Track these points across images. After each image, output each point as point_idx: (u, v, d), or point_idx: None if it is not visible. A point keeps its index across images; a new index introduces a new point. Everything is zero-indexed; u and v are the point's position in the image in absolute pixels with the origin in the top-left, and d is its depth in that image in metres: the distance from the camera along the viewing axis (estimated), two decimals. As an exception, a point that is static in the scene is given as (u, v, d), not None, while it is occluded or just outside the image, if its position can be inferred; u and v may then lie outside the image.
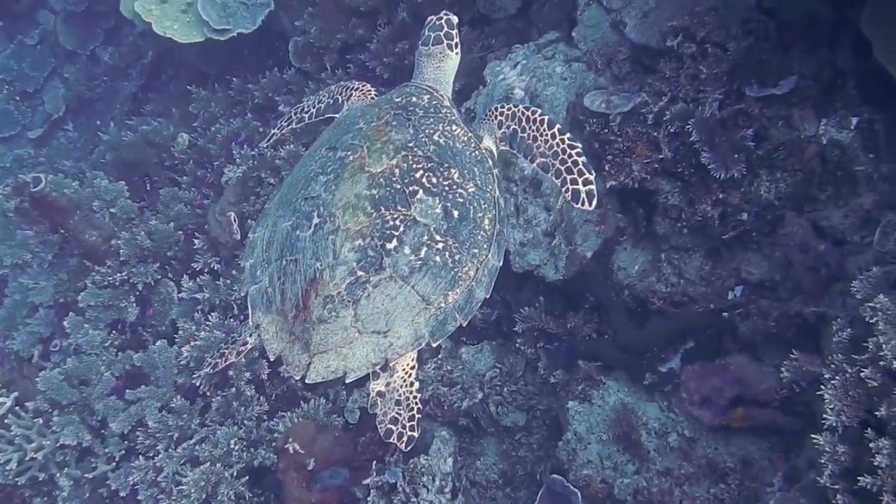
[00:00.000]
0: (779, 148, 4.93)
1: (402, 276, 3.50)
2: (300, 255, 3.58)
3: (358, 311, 3.48)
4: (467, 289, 3.64)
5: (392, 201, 3.56)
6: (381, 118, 3.88)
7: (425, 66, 4.36)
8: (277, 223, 3.82)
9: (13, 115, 10.26)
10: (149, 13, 7.90)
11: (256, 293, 3.78)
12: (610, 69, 5.69)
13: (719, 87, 5.04)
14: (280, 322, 3.65)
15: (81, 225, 6.97)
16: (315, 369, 3.52)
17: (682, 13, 5.30)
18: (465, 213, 3.66)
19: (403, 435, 3.67)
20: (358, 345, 3.51)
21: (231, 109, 8.07)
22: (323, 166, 3.79)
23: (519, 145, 4.04)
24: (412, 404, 3.71)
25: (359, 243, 3.49)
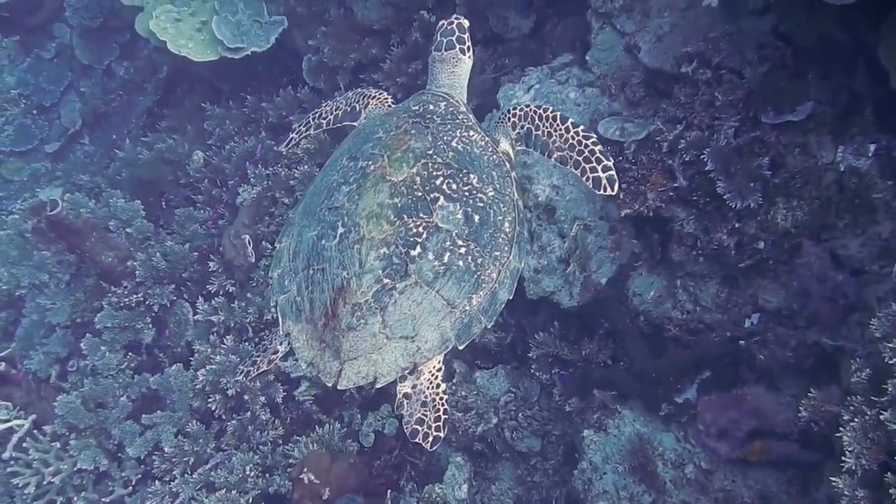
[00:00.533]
0: (795, 175, 4.88)
1: (426, 282, 3.54)
2: (327, 264, 3.64)
3: (385, 318, 3.52)
4: (491, 291, 3.69)
5: (414, 209, 3.61)
6: (399, 127, 3.92)
7: (439, 72, 4.39)
8: (302, 233, 3.87)
9: (30, 129, 10.30)
10: (164, 31, 7.91)
11: (285, 302, 3.83)
12: (624, 93, 5.66)
13: (735, 114, 4.99)
14: (310, 330, 3.70)
15: (98, 246, 7.00)
16: (346, 375, 3.56)
17: (697, 38, 5.25)
18: (486, 217, 3.70)
19: (429, 435, 3.67)
20: (387, 350, 3.55)
21: (245, 127, 8.06)
22: (345, 176, 3.84)
23: (535, 143, 4.10)
24: (438, 405, 3.72)
25: (384, 251, 3.54)
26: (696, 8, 5.41)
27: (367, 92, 4.67)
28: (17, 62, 10.73)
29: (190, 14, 8.06)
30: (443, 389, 3.74)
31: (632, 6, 5.67)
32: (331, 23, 7.61)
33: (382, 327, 3.51)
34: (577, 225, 5.47)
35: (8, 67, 10.68)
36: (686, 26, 5.43)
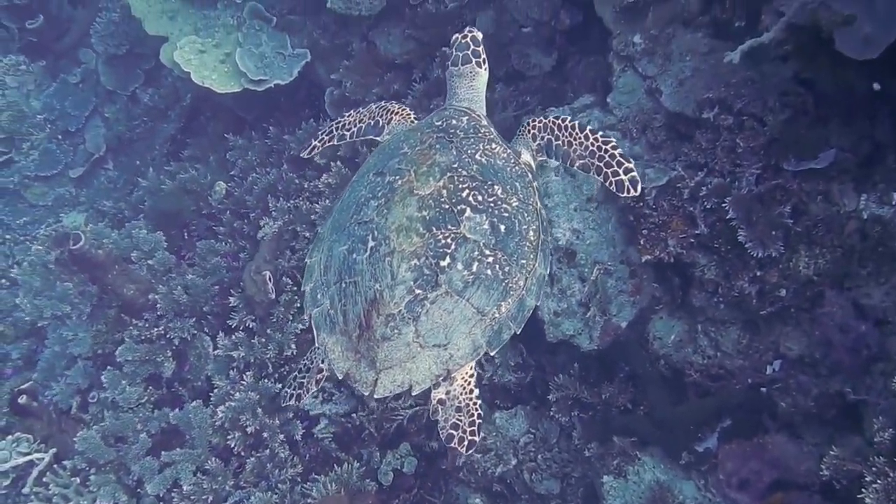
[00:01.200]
0: (818, 223, 4.86)
1: (457, 291, 3.67)
2: (359, 277, 3.75)
3: (418, 327, 3.65)
4: (518, 298, 3.82)
5: (442, 221, 3.73)
6: (424, 142, 4.04)
7: (458, 87, 4.52)
8: (333, 248, 3.98)
9: (55, 154, 10.39)
10: (188, 63, 7.96)
11: (319, 316, 3.95)
12: (645, 136, 5.65)
13: (756, 161, 4.98)
14: (345, 342, 3.82)
15: (120, 279, 7.04)
16: (382, 384, 3.69)
17: (719, 84, 5.24)
18: (511, 226, 3.83)
19: (465, 440, 3.77)
20: (421, 359, 3.68)
21: (268, 158, 8.09)
22: (373, 191, 3.96)
23: (556, 153, 4.25)
24: (472, 410, 3.83)
25: (414, 263, 3.66)
26: (718, 53, 5.38)
27: (390, 107, 4.79)
28: (43, 87, 10.83)
29: (214, 46, 8.12)
30: (476, 395, 3.86)
31: (653, 50, 5.65)
32: (353, 56, 7.65)
33: (416, 336, 3.65)
34: (597, 269, 5.45)
35: (34, 92, 10.79)
36: (708, 71, 5.40)
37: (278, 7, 8.14)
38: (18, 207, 10.25)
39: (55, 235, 7.67)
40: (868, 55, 4.12)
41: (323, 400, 6.47)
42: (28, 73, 10.81)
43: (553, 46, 6.79)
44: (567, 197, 5.57)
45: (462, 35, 4.53)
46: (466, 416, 3.81)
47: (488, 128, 4.26)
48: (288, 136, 7.90)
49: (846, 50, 4.16)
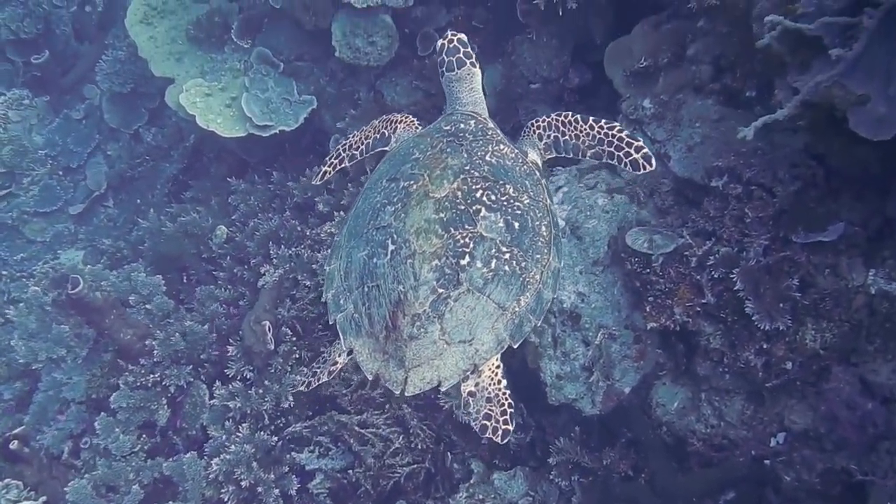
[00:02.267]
0: (825, 297, 4.81)
1: (478, 288, 3.79)
2: (381, 280, 3.87)
3: (444, 325, 3.76)
4: (536, 291, 3.94)
5: (459, 221, 3.86)
6: (435, 147, 4.18)
7: (459, 91, 4.63)
8: (352, 253, 4.10)
9: (55, 190, 10.35)
10: (193, 105, 7.96)
11: (344, 320, 4.05)
12: (653, 200, 5.62)
13: (765, 232, 4.94)
14: (372, 344, 3.92)
15: (117, 324, 6.98)
16: (412, 382, 3.79)
17: (728, 152, 5.22)
18: (525, 223, 3.97)
19: (498, 429, 3.84)
20: (447, 355, 3.79)
21: (270, 204, 8.06)
22: (388, 197, 4.07)
23: (565, 147, 4.43)
24: (502, 399, 3.91)
25: (435, 263, 3.78)
26: (728, 121, 5.38)
27: (392, 117, 4.98)
28: (46, 122, 10.83)
29: (220, 89, 8.12)
30: (504, 385, 3.95)
31: (663, 115, 5.65)
32: (360, 105, 7.66)
33: (441, 334, 3.77)
34: (601, 333, 5.40)
35: (37, 127, 10.77)
36: (718, 138, 5.40)
37: (286, 53, 8.15)
38: (16, 243, 10.19)
39: (53, 276, 7.62)
40: (882, 136, 4.09)
41: (319, 455, 6.37)
42: (31, 108, 10.81)
43: (561, 104, 6.79)
44: (573, 259, 5.53)
45: (447, 40, 4.59)
46: (497, 406, 3.89)
47: (495, 130, 4.43)
48: (292, 183, 7.87)
49: (860, 130, 4.13)
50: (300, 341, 6.76)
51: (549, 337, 5.55)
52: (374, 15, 7.35)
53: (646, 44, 5.75)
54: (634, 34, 5.85)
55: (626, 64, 5.83)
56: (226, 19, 8.42)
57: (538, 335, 5.56)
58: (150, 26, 8.92)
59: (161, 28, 8.85)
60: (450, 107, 4.73)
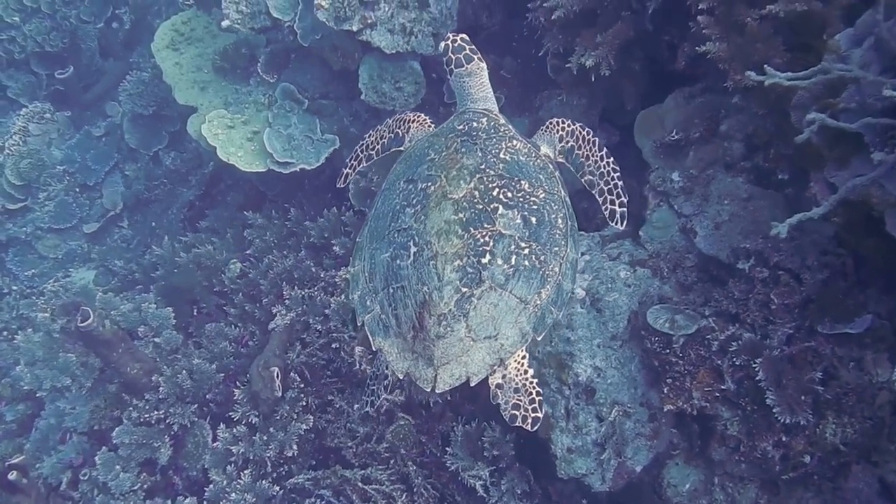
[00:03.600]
0: (848, 392, 4.70)
1: (499, 285, 3.92)
2: (405, 282, 3.99)
3: (469, 323, 3.89)
4: (556, 283, 4.09)
5: (478, 221, 3.99)
6: (449, 147, 4.29)
7: (469, 87, 4.74)
8: (375, 255, 4.22)
9: (71, 207, 10.31)
10: (215, 137, 7.89)
11: (372, 321, 4.19)
12: (676, 276, 5.53)
13: (790, 320, 4.86)
14: (400, 344, 4.05)
15: (124, 357, 6.89)
16: (442, 379, 3.93)
17: (756, 234, 5.14)
18: (541, 217, 4.10)
19: (528, 417, 4.04)
20: (474, 351, 3.93)
21: (286, 241, 7.96)
22: (407, 199, 4.19)
23: (574, 161, 4.67)
24: (530, 389, 4.09)
25: (458, 263, 3.91)
26: (758, 200, 5.29)
27: (405, 116, 5.11)
28: (66, 137, 10.80)
29: (242, 122, 8.05)
30: (531, 374, 4.13)
31: (691, 189, 5.56)
32: (382, 150, 7.58)
33: (467, 332, 3.89)
34: (616, 410, 5.30)
35: (56, 141, 10.76)
36: (746, 217, 5.30)
37: (311, 90, 8.08)
38: (28, 258, 10.15)
39: (63, 304, 7.54)
40: (919, 240, 4.00)
41: (319, 509, 6.28)
42: (52, 122, 10.80)
43: (586, 164, 6.69)
44: (591, 332, 5.42)
45: (451, 40, 4.69)
46: (525, 396, 4.07)
47: (507, 125, 4.55)
48: (309, 223, 7.77)
49: (897, 232, 4.05)
50: (308, 388, 6.67)
51: (563, 409, 5.44)
52: (403, 61, 7.30)
53: (678, 115, 5.67)
54: (666, 105, 5.76)
55: (656, 134, 5.75)
56: (253, 52, 8.38)
57: (551, 406, 5.45)
58: (176, 52, 8.90)
59: (187, 55, 8.82)
60: (461, 104, 4.82)
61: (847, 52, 4.33)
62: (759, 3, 4.92)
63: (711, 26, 5.02)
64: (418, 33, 7.08)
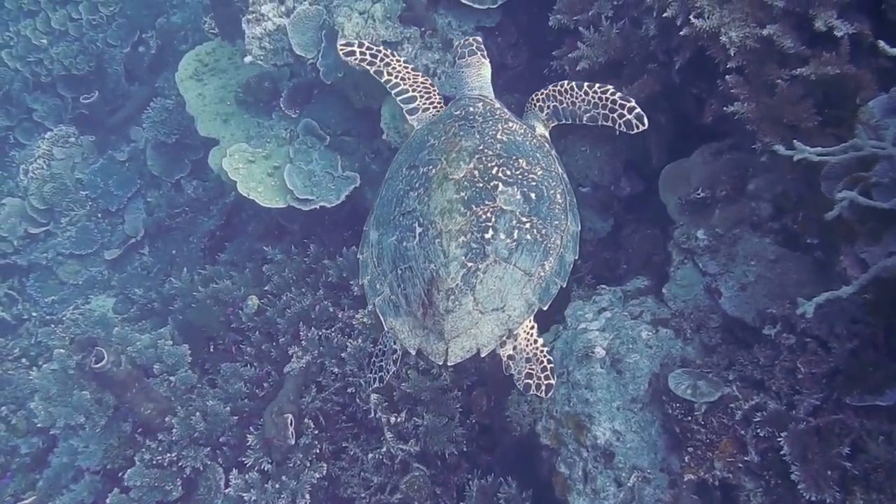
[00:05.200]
0: (877, 467, 4.51)
1: (503, 259, 4.08)
2: (413, 262, 4.16)
3: (476, 296, 4.04)
4: (558, 255, 4.27)
5: (480, 198, 4.16)
6: (448, 132, 4.51)
7: (467, 76, 5.09)
8: (382, 240, 4.41)
9: (92, 233, 10.32)
10: (235, 171, 7.82)
11: (383, 302, 4.35)
12: (699, 336, 5.37)
13: (817, 390, 4.68)
14: (411, 321, 4.20)
15: (138, 397, 6.83)
16: (453, 352, 4.08)
17: (783, 298, 4.98)
18: (541, 193, 4.27)
19: (541, 385, 4.25)
20: (483, 324, 4.08)
21: (305, 278, 7.88)
22: (410, 183, 4.38)
23: (564, 115, 4.89)
24: (541, 357, 4.30)
25: (462, 240, 4.07)
26: (786, 262, 5.13)
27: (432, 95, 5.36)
28: (89, 161, 10.83)
29: (264, 157, 7.98)
30: (541, 343, 4.34)
31: (717, 248, 5.41)
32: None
33: (475, 305, 4.05)
34: (635, 475, 5.15)
35: (80, 165, 10.81)
36: (773, 279, 5.14)
37: (333, 126, 7.99)
38: (49, 284, 10.17)
39: (79, 340, 7.50)
40: (954, 325, 3.84)
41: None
42: (76, 146, 10.85)
43: (610, 212, 6.57)
44: (611, 394, 5.28)
45: (465, 41, 5.22)
46: (537, 364, 4.27)
47: (502, 109, 4.77)
48: (328, 261, 7.67)
49: (930, 313, 3.89)
50: (322, 434, 6.58)
51: (580, 471, 5.30)
52: (425, 101, 7.20)
53: (704, 172, 5.52)
54: (693, 160, 5.62)
55: (681, 190, 5.60)
56: (276, 85, 8.32)
57: (568, 467, 5.32)
58: (199, 83, 8.87)
59: (210, 86, 8.79)
60: (458, 93, 5.08)
61: (879, 121, 4.19)
62: (789, 62, 4.79)
63: (740, 86, 4.89)
64: (441, 74, 6.97)
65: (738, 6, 4.87)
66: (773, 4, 4.74)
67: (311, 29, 7.45)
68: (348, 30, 6.90)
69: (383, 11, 6.91)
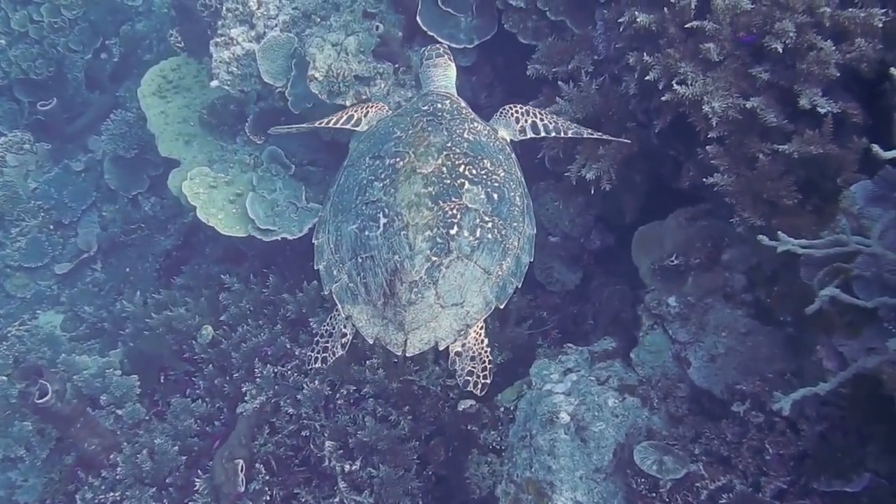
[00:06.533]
0: (842, 554, 4.45)
1: (466, 256, 4.15)
2: (375, 252, 4.19)
3: (438, 290, 4.12)
4: (515, 256, 4.36)
5: (447, 194, 4.22)
6: (416, 125, 4.55)
7: (433, 75, 5.16)
8: (341, 227, 4.40)
9: (43, 245, 9.97)
10: (196, 196, 7.59)
11: (340, 289, 4.37)
12: (666, 405, 5.27)
13: (784, 473, 4.60)
14: (370, 311, 4.25)
15: (83, 432, 6.57)
16: (412, 343, 4.16)
17: (754, 373, 4.89)
18: (502, 194, 4.37)
19: (479, 384, 4.29)
20: (443, 317, 4.16)
21: (262, 309, 7.64)
22: (374, 173, 4.40)
23: (545, 129, 4.97)
24: (484, 358, 4.33)
25: (428, 234, 4.12)
26: (757, 336, 5.04)
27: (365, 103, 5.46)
28: (44, 169, 10.50)
29: (226, 183, 7.75)
30: (486, 344, 4.37)
31: (688, 316, 5.30)
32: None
33: (437, 298, 4.12)
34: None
35: (34, 174, 10.50)
36: (744, 353, 5.05)
37: (299, 156, 7.80)
38: (-6, 297, 9.79)
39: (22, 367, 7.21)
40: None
41: None
42: (31, 154, 10.52)
43: (580, 264, 6.46)
44: (574, 462, 5.14)
45: (432, 46, 5.35)
46: (479, 364, 4.30)
47: (467, 109, 4.86)
48: (287, 295, 7.45)
49: (907, 413, 3.81)
50: (273, 479, 6.33)
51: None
52: (394, 138, 7.04)
53: (678, 237, 5.42)
54: (667, 224, 5.52)
55: (654, 254, 5.50)
56: (242, 109, 8.06)
57: (527, 536, 5.17)
58: (163, 100, 8.63)
59: (174, 104, 8.55)
60: (424, 89, 5.15)
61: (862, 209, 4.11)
62: (771, 136, 4.70)
63: (720, 157, 4.79)
64: (412, 112, 6.81)
65: (721, 75, 4.78)
66: (758, 76, 4.65)
67: (282, 57, 7.24)
68: (320, 61, 6.71)
69: (357, 45, 6.73)
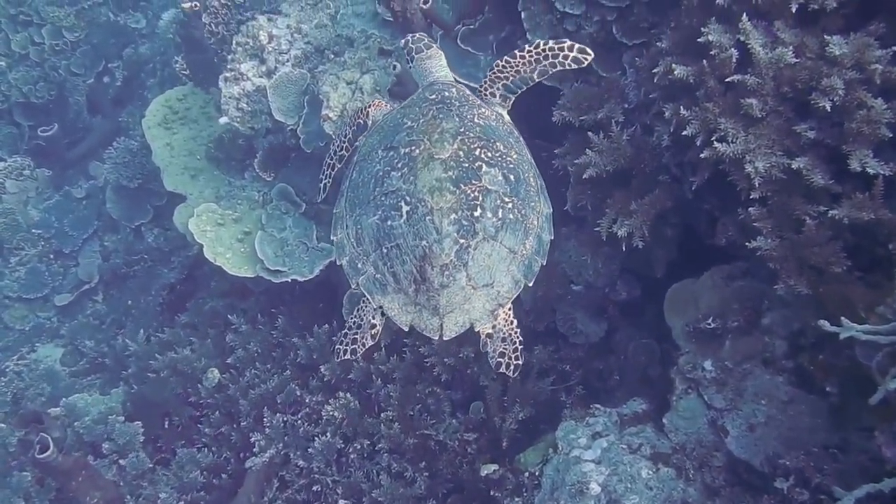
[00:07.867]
0: None
1: (491, 236, 4.13)
2: (400, 240, 4.13)
3: (469, 272, 4.09)
4: (537, 235, 4.33)
5: (467, 177, 4.18)
6: (426, 114, 4.46)
7: (431, 67, 5.02)
8: (360, 220, 4.33)
9: (43, 275, 9.72)
10: (202, 234, 7.36)
11: (367, 281, 4.31)
12: (702, 475, 4.99)
13: (833, 560, 4.32)
14: (401, 299, 4.21)
15: (84, 486, 6.29)
16: (448, 327, 4.15)
17: (796, 446, 4.61)
18: (518, 175, 4.33)
19: (511, 364, 4.27)
20: (475, 299, 4.15)
21: (271, 352, 7.38)
22: (390, 164, 4.33)
23: (516, 87, 4.82)
24: (514, 339, 4.31)
25: (453, 217, 4.08)
26: (799, 405, 4.77)
27: (361, 106, 5.40)
28: (44, 196, 10.24)
29: (234, 220, 7.51)
30: (515, 324, 4.35)
31: (725, 381, 5.04)
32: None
33: (468, 280, 4.10)
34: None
35: (34, 200, 10.25)
36: (785, 423, 4.78)
37: (310, 193, 7.53)
38: (-8, 329, 9.51)
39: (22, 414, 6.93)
40: None
41: None
42: (31, 180, 10.25)
43: (604, 316, 6.20)
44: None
45: (413, 37, 5.07)
46: (510, 345, 4.28)
47: (472, 95, 4.76)
48: (297, 340, 7.18)
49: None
50: (284, 537, 6.09)
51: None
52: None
53: (714, 297, 5.16)
54: (702, 282, 5.26)
55: (689, 314, 5.24)
56: (250, 143, 7.82)
57: None
58: (168, 131, 8.40)
59: (180, 136, 8.32)
60: (426, 81, 5.01)
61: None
62: (817, 197, 4.44)
63: (763, 219, 4.53)
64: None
65: (764, 132, 4.52)
66: (803, 133, 4.39)
67: (294, 93, 7.01)
68: (334, 100, 6.48)
69: (372, 84, 6.50)
